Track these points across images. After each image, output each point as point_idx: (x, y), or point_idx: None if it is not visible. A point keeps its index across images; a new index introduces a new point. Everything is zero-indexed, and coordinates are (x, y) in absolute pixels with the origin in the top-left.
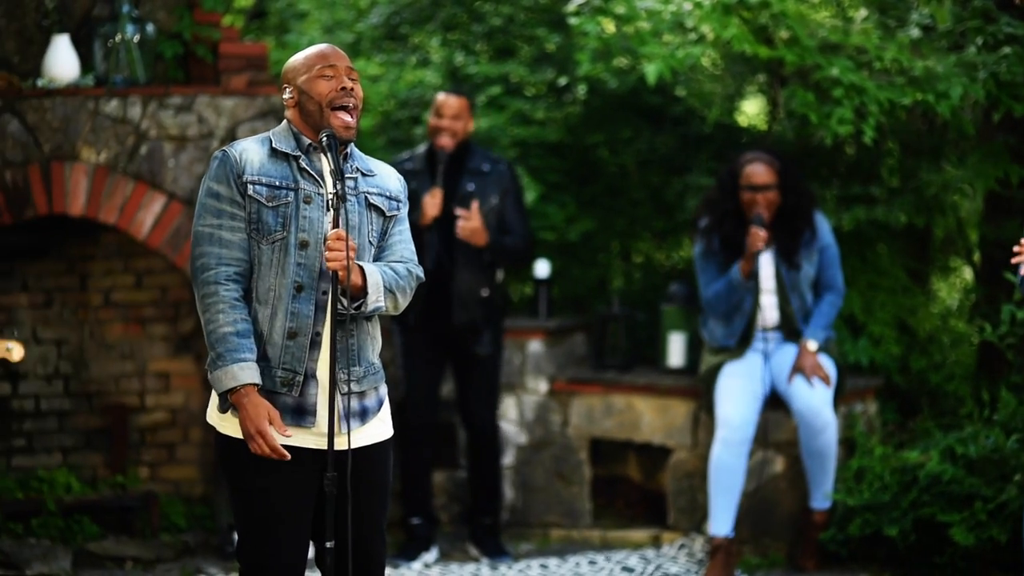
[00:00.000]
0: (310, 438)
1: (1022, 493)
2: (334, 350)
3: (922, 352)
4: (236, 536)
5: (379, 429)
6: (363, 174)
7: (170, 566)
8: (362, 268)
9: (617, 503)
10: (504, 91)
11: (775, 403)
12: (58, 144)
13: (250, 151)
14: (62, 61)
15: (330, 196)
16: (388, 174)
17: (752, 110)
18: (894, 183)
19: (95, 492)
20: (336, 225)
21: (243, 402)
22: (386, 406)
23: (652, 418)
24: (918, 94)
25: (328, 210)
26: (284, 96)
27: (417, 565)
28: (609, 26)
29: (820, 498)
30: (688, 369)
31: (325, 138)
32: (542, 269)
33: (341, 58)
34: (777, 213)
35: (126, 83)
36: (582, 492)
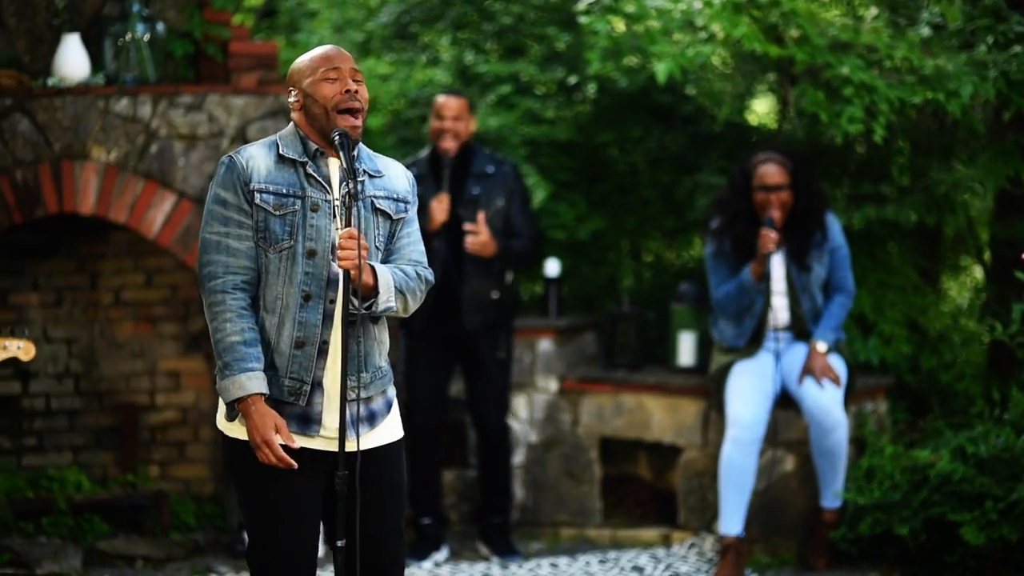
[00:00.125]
0: (318, 440)
1: None
2: (346, 353)
3: (932, 351)
4: (246, 538)
5: (388, 431)
6: (370, 176)
7: (180, 565)
8: (373, 268)
9: (627, 502)
10: (514, 90)
11: (785, 402)
12: (68, 143)
13: (257, 158)
14: (72, 60)
15: (337, 203)
16: (397, 174)
17: (762, 109)
18: (904, 182)
19: (105, 491)
20: (348, 224)
21: (250, 411)
22: (395, 408)
23: (662, 417)
24: (928, 93)
25: (335, 217)
26: (290, 99)
27: (427, 564)
28: (619, 25)
29: (831, 497)
30: (698, 368)
31: (337, 137)
32: (552, 268)
33: (345, 59)
34: (789, 214)
35: (136, 82)
36: (592, 491)
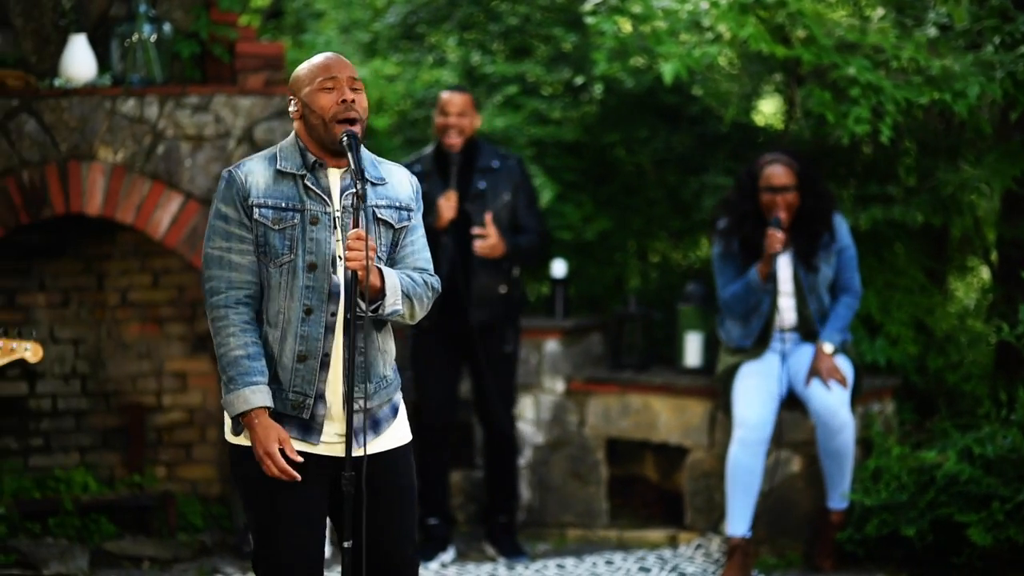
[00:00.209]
0: (320, 447)
1: None
2: (352, 357)
3: (939, 352)
4: (252, 543)
5: (393, 436)
6: (372, 184)
7: (187, 566)
8: (380, 270)
9: (634, 503)
10: (520, 90)
11: (790, 403)
12: (75, 144)
13: (256, 172)
14: (79, 61)
15: (338, 214)
16: (400, 180)
17: (769, 109)
18: (911, 182)
19: (112, 492)
20: (356, 225)
21: (254, 425)
22: (401, 413)
23: (669, 418)
24: (935, 93)
25: (336, 228)
26: (290, 109)
27: (434, 565)
28: (626, 25)
29: (837, 498)
30: (705, 369)
31: (345, 138)
32: (559, 269)
33: (343, 68)
34: (796, 215)
35: (143, 83)
36: (599, 492)
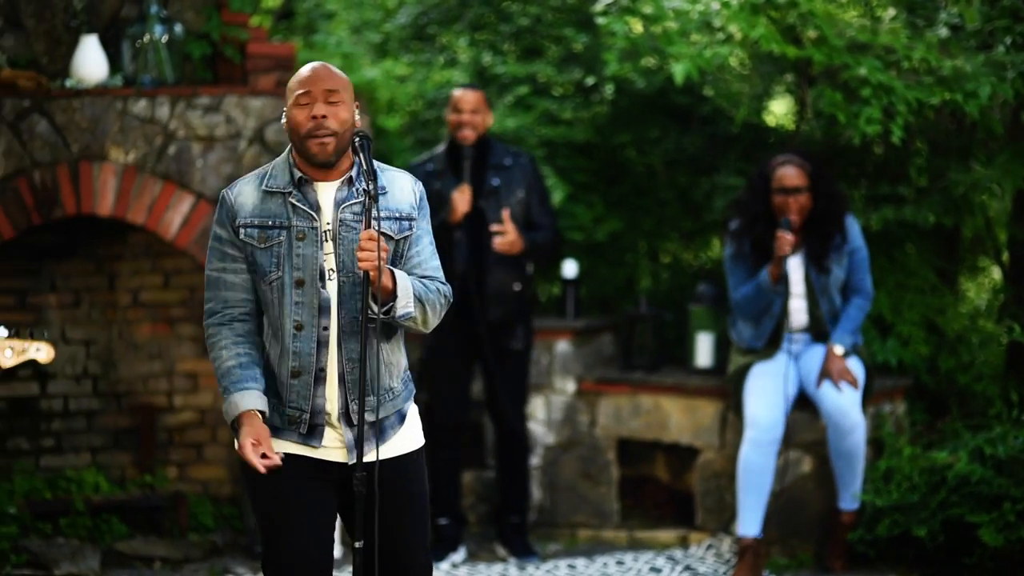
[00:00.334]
0: (321, 451)
1: None
2: (364, 359)
3: (951, 352)
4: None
5: (400, 443)
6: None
7: (198, 566)
8: (392, 271)
9: (645, 503)
10: (531, 91)
11: (801, 404)
12: (86, 144)
13: (245, 193)
14: (90, 61)
15: (327, 228)
16: (401, 187)
17: (780, 110)
18: (922, 183)
19: (123, 492)
20: (368, 226)
21: (240, 425)
22: (409, 419)
23: (680, 418)
24: (946, 94)
25: (326, 242)
26: (282, 122)
27: (445, 565)
28: (637, 26)
29: (848, 499)
30: (716, 369)
31: (357, 139)
32: (570, 269)
33: (319, 81)
34: (808, 216)
35: (154, 83)
36: (610, 492)
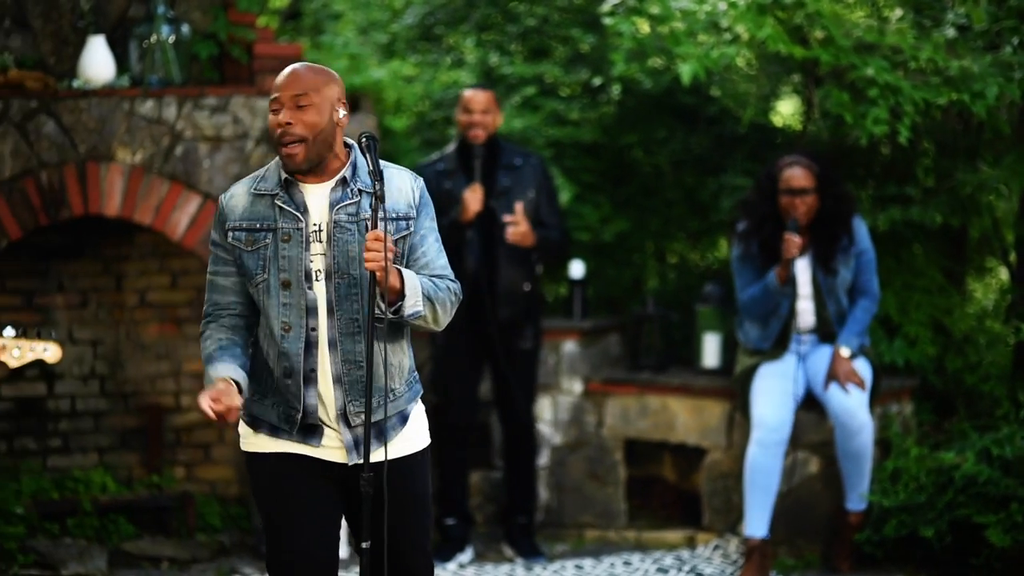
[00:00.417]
0: (321, 451)
1: None
2: (370, 358)
3: (958, 353)
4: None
5: (403, 444)
6: (367, 193)
7: (206, 566)
8: (400, 270)
9: (652, 504)
10: (538, 92)
11: (808, 404)
12: (94, 145)
13: (237, 196)
14: (98, 62)
15: (314, 228)
16: (399, 186)
17: (787, 110)
18: (929, 183)
19: (131, 492)
20: (375, 226)
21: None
22: (412, 421)
23: (687, 419)
24: (953, 94)
25: (312, 242)
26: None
27: (452, 566)
28: (644, 26)
29: (856, 499)
30: (723, 370)
31: (365, 139)
32: (577, 270)
33: (288, 86)
34: (815, 218)
35: (161, 84)
36: (617, 493)
